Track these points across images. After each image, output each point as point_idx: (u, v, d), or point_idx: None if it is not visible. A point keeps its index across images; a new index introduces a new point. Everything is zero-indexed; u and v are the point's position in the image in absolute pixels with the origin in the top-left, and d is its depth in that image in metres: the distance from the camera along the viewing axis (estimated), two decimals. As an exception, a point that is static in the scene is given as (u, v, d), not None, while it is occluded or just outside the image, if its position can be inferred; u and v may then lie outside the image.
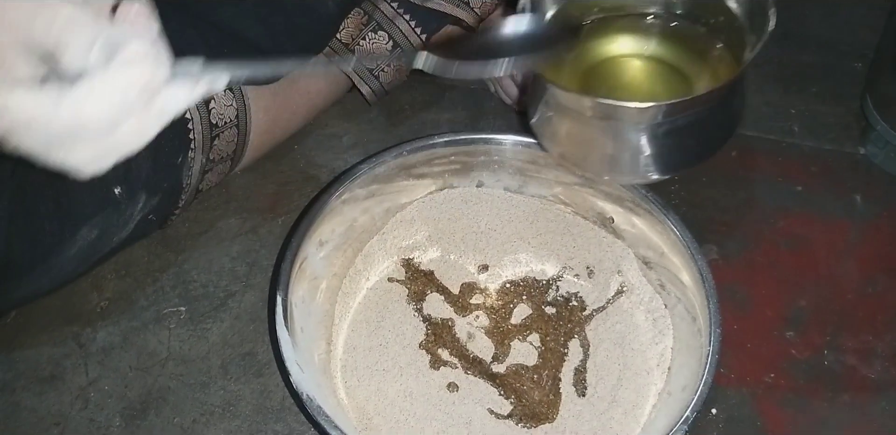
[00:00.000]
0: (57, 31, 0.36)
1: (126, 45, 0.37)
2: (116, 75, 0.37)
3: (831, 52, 1.02)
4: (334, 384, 0.72)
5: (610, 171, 0.66)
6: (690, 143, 0.62)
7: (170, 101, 0.39)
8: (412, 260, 0.79)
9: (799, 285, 0.82)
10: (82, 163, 0.38)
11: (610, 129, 0.61)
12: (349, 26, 0.85)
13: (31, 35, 0.36)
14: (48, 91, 0.36)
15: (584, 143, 0.65)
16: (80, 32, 0.36)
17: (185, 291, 0.81)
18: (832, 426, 0.73)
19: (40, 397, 0.75)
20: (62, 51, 0.36)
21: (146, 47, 0.37)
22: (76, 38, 0.36)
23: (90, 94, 0.36)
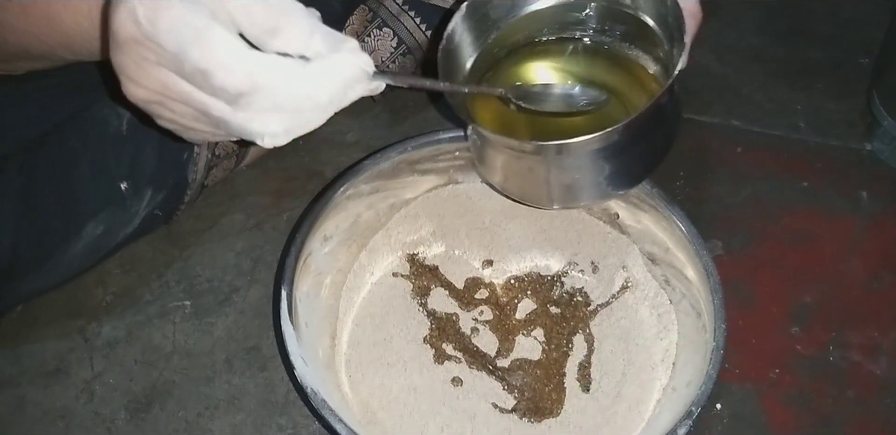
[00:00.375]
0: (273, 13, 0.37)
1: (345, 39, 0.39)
2: (346, 61, 0.39)
3: (837, 47, 1.01)
4: (338, 379, 0.72)
5: (552, 200, 0.65)
6: (631, 161, 0.60)
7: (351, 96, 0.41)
8: (417, 255, 0.79)
9: (804, 281, 0.81)
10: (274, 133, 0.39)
11: (542, 162, 0.60)
12: (354, 23, 0.85)
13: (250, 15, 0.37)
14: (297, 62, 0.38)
15: (519, 176, 0.63)
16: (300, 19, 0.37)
17: (189, 286, 0.81)
18: (837, 423, 0.73)
19: (45, 391, 0.75)
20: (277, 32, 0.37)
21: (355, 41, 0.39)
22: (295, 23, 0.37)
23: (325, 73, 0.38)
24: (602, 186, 0.61)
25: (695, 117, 0.94)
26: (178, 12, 0.35)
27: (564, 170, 0.59)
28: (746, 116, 0.95)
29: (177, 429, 0.73)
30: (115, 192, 0.75)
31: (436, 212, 0.80)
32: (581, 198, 0.65)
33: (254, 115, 0.39)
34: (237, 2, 0.36)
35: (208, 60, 0.36)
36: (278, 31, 0.37)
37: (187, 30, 0.35)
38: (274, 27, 0.37)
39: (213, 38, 0.36)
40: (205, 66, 0.36)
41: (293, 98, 0.38)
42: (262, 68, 0.37)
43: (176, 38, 0.36)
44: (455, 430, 0.70)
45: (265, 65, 0.37)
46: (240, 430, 0.73)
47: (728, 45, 1.01)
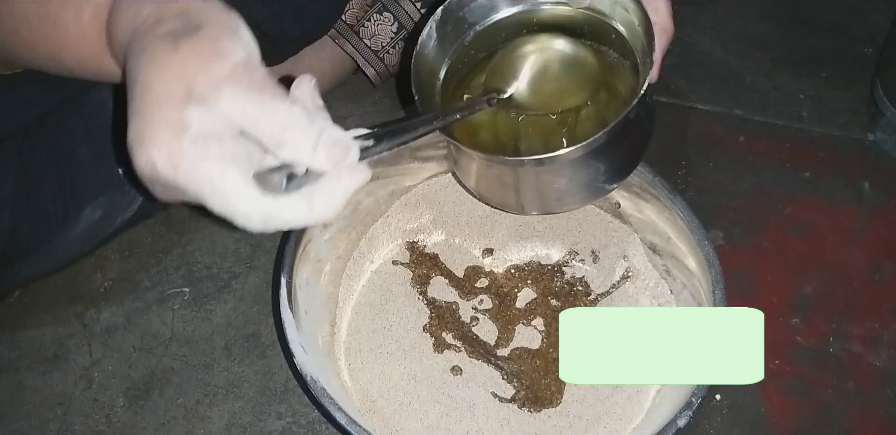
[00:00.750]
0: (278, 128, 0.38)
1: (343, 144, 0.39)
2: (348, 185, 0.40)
3: (842, 37, 1.01)
4: (338, 366, 0.72)
5: (531, 207, 0.65)
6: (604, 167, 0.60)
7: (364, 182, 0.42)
8: (417, 243, 0.79)
9: (805, 272, 0.81)
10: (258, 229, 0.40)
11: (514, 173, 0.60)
12: (354, 7, 0.84)
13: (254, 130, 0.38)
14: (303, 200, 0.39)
15: (494, 184, 0.63)
16: (303, 131, 0.38)
17: (188, 272, 0.81)
18: (837, 413, 0.73)
19: (44, 377, 0.75)
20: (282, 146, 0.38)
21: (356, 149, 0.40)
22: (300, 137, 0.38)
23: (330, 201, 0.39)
24: (576, 194, 0.62)
25: (698, 106, 0.94)
26: (191, 162, 0.36)
27: (538, 180, 0.59)
28: (749, 105, 0.94)
29: (175, 416, 0.73)
30: (114, 176, 0.74)
31: (436, 199, 0.80)
32: (556, 206, 0.65)
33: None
34: (245, 116, 0.37)
35: (226, 209, 0.38)
36: (283, 145, 0.38)
37: (203, 181, 0.37)
38: (279, 142, 0.38)
39: (227, 189, 0.37)
40: (224, 213, 0.38)
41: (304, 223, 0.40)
42: (276, 212, 0.38)
43: (195, 189, 0.37)
44: (454, 418, 0.70)
45: (278, 209, 0.38)
46: (238, 417, 0.73)
47: (733, 32, 1.00)
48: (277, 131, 0.38)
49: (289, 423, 0.73)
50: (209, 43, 0.38)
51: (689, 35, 0.99)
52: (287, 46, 0.80)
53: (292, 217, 0.39)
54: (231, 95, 0.37)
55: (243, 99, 0.37)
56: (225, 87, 0.37)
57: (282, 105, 0.38)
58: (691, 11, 1.01)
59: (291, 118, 0.38)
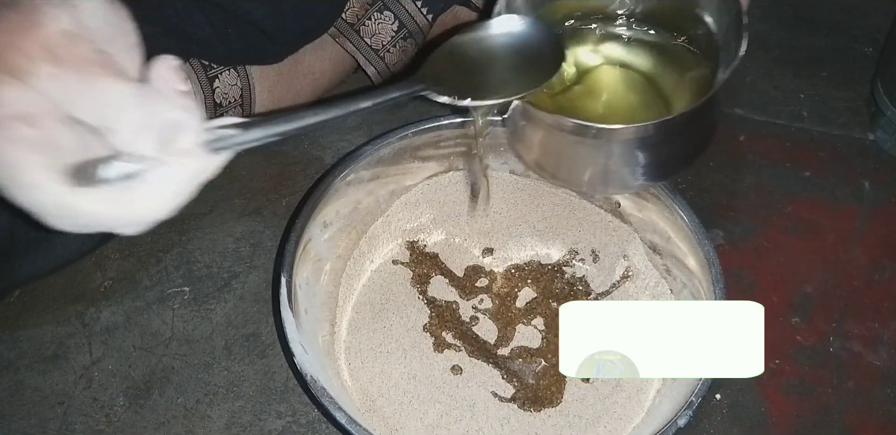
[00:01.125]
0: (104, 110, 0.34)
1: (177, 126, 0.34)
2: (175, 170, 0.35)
3: (842, 36, 1.01)
4: (338, 366, 0.72)
5: (587, 183, 0.64)
6: (667, 156, 0.60)
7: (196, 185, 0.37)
8: (417, 242, 0.79)
9: (805, 271, 0.81)
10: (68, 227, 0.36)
11: (586, 144, 0.59)
12: (354, 6, 0.84)
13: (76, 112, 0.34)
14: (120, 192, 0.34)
15: (558, 156, 0.62)
16: (129, 112, 0.34)
17: (188, 272, 0.81)
18: (837, 413, 0.73)
19: (44, 376, 0.75)
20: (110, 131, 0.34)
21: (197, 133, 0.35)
22: (125, 120, 0.34)
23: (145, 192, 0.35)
24: (638, 175, 0.61)
25: (698, 105, 0.94)
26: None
27: (608, 154, 0.59)
28: (750, 104, 0.94)
29: (175, 415, 0.73)
30: None
31: (436, 199, 0.80)
32: (616, 184, 0.64)
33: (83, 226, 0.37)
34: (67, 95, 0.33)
35: (26, 202, 0.34)
36: (110, 131, 0.34)
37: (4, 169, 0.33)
38: (103, 126, 0.34)
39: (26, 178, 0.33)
40: (26, 207, 0.34)
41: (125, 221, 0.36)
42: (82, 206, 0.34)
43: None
44: (454, 418, 0.70)
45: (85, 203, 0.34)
46: (238, 416, 0.73)
47: (732, 32, 1.00)
48: (101, 113, 0.33)
49: (289, 422, 0.73)
50: (28, 10, 0.34)
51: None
52: (287, 45, 0.79)
53: (104, 213, 0.35)
54: (49, 71, 0.33)
55: (61, 75, 0.33)
56: (40, 60, 0.33)
57: (107, 82, 0.33)
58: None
59: (119, 98, 0.33)
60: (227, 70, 0.78)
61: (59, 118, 0.33)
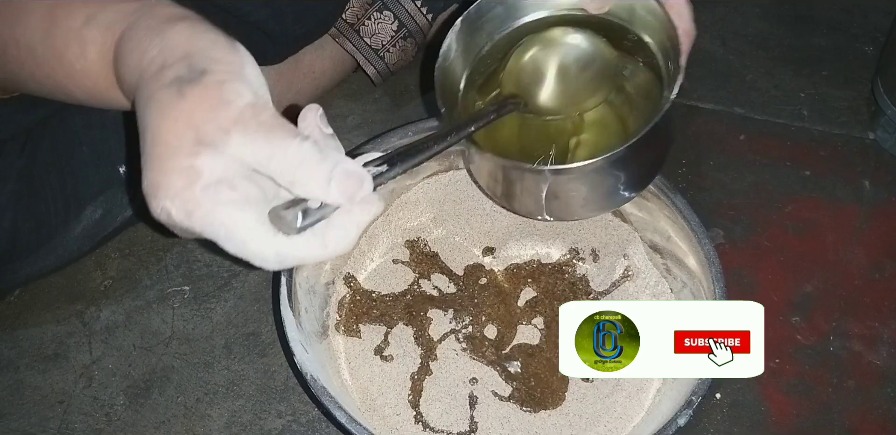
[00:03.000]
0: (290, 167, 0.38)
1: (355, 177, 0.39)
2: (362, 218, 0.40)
3: (842, 35, 1.01)
4: (338, 365, 0.72)
5: (548, 213, 0.65)
6: (626, 176, 0.60)
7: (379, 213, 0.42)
8: (417, 242, 0.79)
9: (806, 270, 0.81)
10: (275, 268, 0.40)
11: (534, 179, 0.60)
12: (354, 6, 0.84)
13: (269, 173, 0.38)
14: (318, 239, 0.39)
15: (517, 191, 0.63)
16: (314, 167, 0.38)
17: (188, 271, 0.81)
18: (837, 412, 0.73)
19: (44, 375, 0.75)
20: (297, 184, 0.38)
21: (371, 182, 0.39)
22: (312, 174, 0.38)
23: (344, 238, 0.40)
24: (596, 202, 0.62)
25: (698, 104, 0.94)
26: (204, 210, 0.37)
27: (559, 187, 0.59)
28: (750, 103, 0.94)
29: (175, 414, 0.73)
30: (114, 175, 0.74)
31: (437, 198, 0.80)
32: (575, 213, 0.65)
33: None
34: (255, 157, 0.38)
35: (242, 252, 0.38)
36: (296, 184, 0.38)
37: (217, 226, 0.37)
38: (291, 180, 0.38)
39: (241, 233, 0.37)
40: (241, 256, 0.38)
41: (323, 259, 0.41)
42: (290, 251, 0.39)
43: (210, 234, 0.38)
44: (454, 417, 0.70)
45: (292, 249, 0.39)
46: (238, 416, 0.73)
47: (733, 30, 1.00)
48: (289, 169, 0.38)
49: (289, 421, 0.73)
50: (215, 89, 0.38)
51: (690, 33, 0.98)
52: (288, 45, 0.79)
53: (307, 255, 0.39)
54: (240, 139, 0.37)
55: (252, 141, 0.37)
56: (233, 131, 0.37)
57: (292, 143, 0.38)
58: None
59: (302, 155, 0.38)
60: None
61: (247, 175, 0.38)
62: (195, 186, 0.37)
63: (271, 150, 0.37)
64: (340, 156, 0.40)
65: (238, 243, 0.38)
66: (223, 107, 0.38)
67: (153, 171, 0.38)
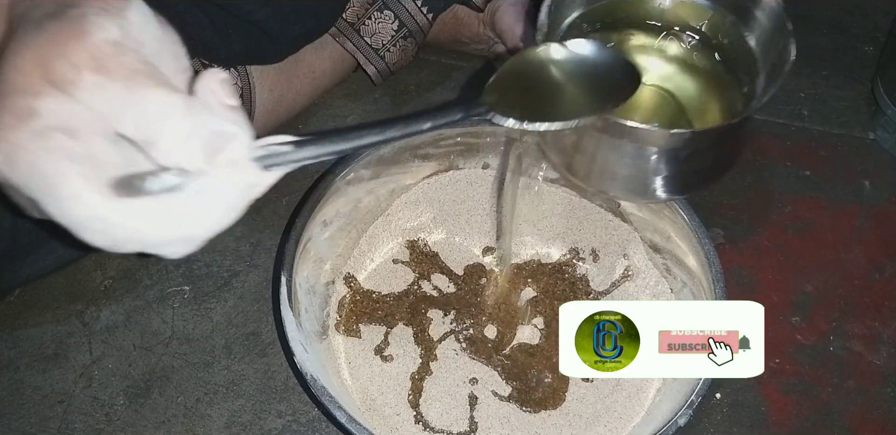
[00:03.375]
0: (148, 121, 0.32)
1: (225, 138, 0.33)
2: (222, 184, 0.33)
3: (842, 35, 1.01)
4: (338, 365, 0.72)
5: (617, 189, 0.64)
6: (701, 167, 0.59)
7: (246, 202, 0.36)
8: (417, 242, 0.79)
9: (806, 270, 0.81)
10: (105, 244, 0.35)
11: (626, 149, 0.59)
12: (354, 5, 0.84)
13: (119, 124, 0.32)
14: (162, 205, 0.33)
15: (594, 159, 0.61)
16: (175, 124, 0.32)
17: (188, 271, 0.81)
18: (837, 412, 0.73)
19: (44, 375, 0.75)
20: (154, 143, 0.32)
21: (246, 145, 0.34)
22: (170, 131, 0.32)
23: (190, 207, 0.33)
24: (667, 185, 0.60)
25: (698, 104, 0.94)
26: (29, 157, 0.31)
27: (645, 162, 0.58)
28: (750, 103, 0.94)
29: (175, 414, 0.73)
30: None
31: (436, 198, 0.80)
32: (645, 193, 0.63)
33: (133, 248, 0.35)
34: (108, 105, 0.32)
35: (62, 216, 0.33)
36: (153, 144, 0.32)
37: (38, 180, 0.32)
38: (147, 139, 0.32)
39: (64, 190, 0.32)
40: (62, 222, 0.33)
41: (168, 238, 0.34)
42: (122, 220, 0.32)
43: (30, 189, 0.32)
44: (454, 417, 0.70)
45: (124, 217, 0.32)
46: (238, 415, 0.73)
47: (733, 31, 1.00)
48: (146, 124, 0.32)
49: (289, 421, 0.73)
50: (75, 21, 0.33)
51: (690, 33, 0.99)
52: (288, 45, 0.79)
53: (143, 228, 0.33)
54: (93, 80, 0.32)
55: (107, 85, 0.32)
56: (85, 70, 0.32)
57: (156, 92, 0.32)
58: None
59: (166, 108, 0.32)
60: (228, 69, 0.78)
61: (103, 132, 0.32)
62: (25, 127, 0.31)
63: (129, 99, 0.32)
64: (216, 118, 0.33)
65: (58, 202, 0.32)
66: (78, 39, 0.32)
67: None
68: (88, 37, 0.32)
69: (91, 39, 0.32)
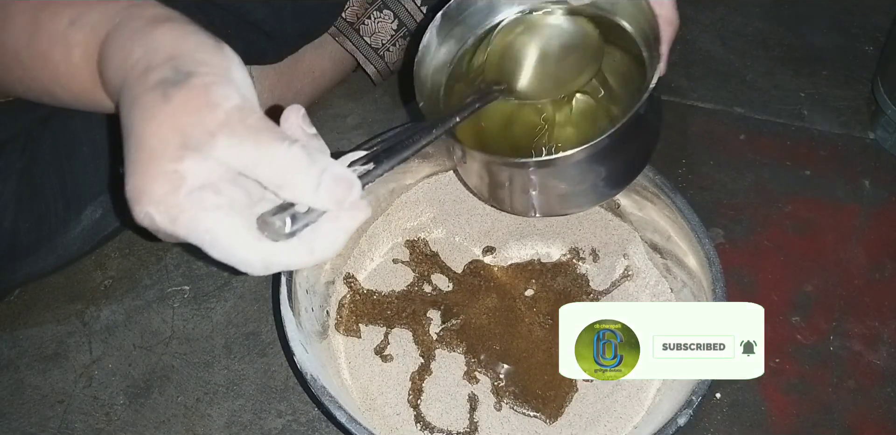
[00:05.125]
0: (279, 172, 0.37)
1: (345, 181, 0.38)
2: (349, 223, 0.39)
3: (842, 35, 1.01)
4: (338, 365, 0.72)
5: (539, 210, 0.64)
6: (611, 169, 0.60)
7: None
8: (417, 241, 0.79)
9: (806, 270, 0.81)
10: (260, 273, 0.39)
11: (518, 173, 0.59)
12: (354, 5, 0.84)
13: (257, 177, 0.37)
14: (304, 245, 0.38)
15: (499, 188, 0.62)
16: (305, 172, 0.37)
17: (188, 270, 0.81)
18: (837, 412, 0.73)
19: (44, 375, 0.75)
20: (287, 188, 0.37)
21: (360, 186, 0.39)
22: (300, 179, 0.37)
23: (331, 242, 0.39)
24: (582, 196, 0.61)
25: (698, 104, 0.94)
26: (189, 216, 0.36)
27: (543, 181, 0.59)
28: (750, 103, 0.94)
29: (175, 414, 0.73)
30: (114, 175, 0.74)
31: (437, 197, 0.80)
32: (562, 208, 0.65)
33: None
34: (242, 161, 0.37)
35: (227, 258, 0.37)
36: (284, 188, 0.37)
37: (202, 232, 0.37)
38: (279, 184, 0.37)
39: (226, 239, 0.37)
40: (226, 261, 0.38)
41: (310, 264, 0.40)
42: (276, 257, 0.38)
43: (195, 240, 0.37)
44: (454, 417, 0.70)
45: (278, 255, 0.38)
46: (238, 415, 0.73)
47: (734, 30, 1.00)
48: (278, 174, 0.37)
49: (289, 421, 0.73)
50: (201, 92, 0.37)
51: (690, 33, 0.99)
52: (287, 44, 0.79)
53: (293, 261, 0.39)
54: (227, 143, 0.36)
55: (239, 145, 0.37)
56: (219, 135, 0.36)
57: (280, 147, 0.37)
58: (692, 10, 1.00)
59: (291, 159, 0.37)
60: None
61: (233, 179, 0.37)
62: (179, 192, 0.36)
63: (259, 155, 0.37)
64: (327, 159, 0.39)
65: (223, 249, 0.37)
66: (209, 110, 0.37)
67: (136, 176, 0.37)
68: (218, 106, 0.37)
69: (220, 108, 0.37)
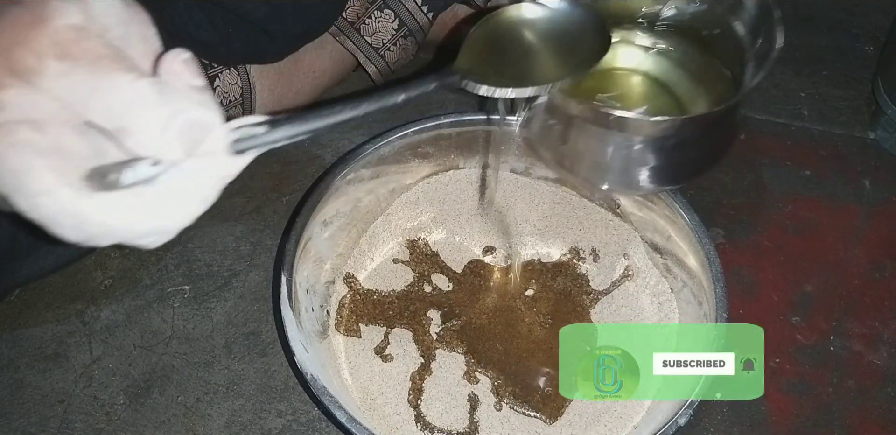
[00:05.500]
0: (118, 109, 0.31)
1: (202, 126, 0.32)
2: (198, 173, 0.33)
3: (843, 34, 1.01)
4: (338, 365, 0.72)
5: (609, 181, 0.63)
6: (690, 157, 0.59)
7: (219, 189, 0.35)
8: (417, 241, 0.79)
9: (806, 270, 0.81)
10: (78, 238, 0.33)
11: (614, 140, 0.58)
12: (354, 4, 0.84)
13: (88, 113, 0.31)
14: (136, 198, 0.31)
15: (584, 152, 0.61)
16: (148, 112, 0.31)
17: (189, 270, 0.81)
18: (837, 412, 0.73)
19: (44, 375, 0.75)
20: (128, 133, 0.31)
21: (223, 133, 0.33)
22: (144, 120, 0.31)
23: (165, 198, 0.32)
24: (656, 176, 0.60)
25: (698, 104, 0.94)
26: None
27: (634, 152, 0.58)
28: (750, 103, 0.94)
29: (175, 414, 0.73)
30: None
31: (437, 197, 0.80)
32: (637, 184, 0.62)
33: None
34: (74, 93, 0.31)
35: (32, 211, 0.31)
36: (126, 132, 0.31)
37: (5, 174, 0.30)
38: (120, 127, 0.31)
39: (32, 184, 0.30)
40: (34, 217, 0.31)
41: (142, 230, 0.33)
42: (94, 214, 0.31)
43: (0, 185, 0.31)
44: (454, 417, 0.70)
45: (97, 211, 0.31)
46: (239, 415, 0.73)
47: (733, 30, 1.00)
48: (116, 111, 0.30)
49: (289, 421, 0.73)
50: (35, 7, 0.31)
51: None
52: (287, 44, 0.79)
53: (116, 221, 0.31)
54: (56, 70, 0.30)
55: (70, 73, 0.30)
56: (48, 57, 0.31)
57: (122, 78, 0.31)
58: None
59: (135, 95, 0.30)
60: (227, 69, 0.78)
61: (71, 122, 0.31)
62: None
63: (94, 85, 0.30)
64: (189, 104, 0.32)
65: (28, 197, 0.31)
66: (38, 25, 0.31)
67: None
68: (49, 23, 0.31)
69: (52, 25, 0.31)
